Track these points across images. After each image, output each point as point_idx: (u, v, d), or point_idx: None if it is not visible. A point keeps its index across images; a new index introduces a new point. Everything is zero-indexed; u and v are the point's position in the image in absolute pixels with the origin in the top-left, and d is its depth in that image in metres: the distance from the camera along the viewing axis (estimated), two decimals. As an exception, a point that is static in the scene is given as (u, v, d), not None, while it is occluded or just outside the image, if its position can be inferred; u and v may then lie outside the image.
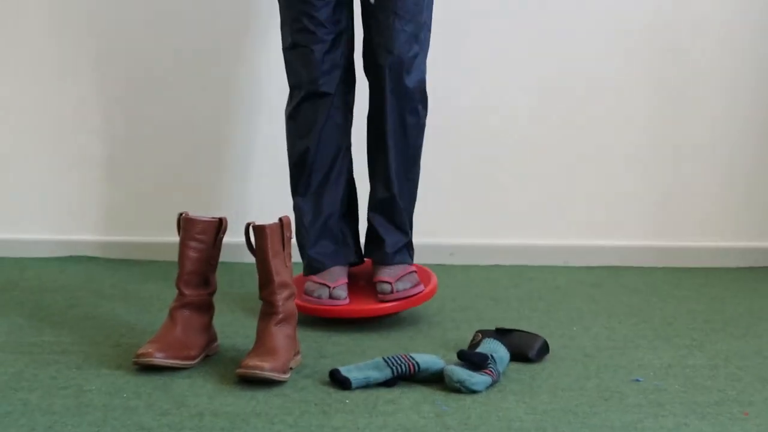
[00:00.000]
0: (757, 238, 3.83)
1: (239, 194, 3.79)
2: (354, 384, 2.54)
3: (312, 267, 3.15)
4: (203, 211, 3.43)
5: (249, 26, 3.72)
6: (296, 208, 3.19)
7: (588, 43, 3.75)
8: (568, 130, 3.81)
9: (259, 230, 2.68)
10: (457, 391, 2.52)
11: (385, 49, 2.98)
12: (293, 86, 3.12)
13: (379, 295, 3.06)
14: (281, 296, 2.70)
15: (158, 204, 3.75)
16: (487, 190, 3.81)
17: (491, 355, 2.62)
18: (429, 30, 3.10)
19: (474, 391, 2.53)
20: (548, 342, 2.83)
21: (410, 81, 3.04)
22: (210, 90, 3.77)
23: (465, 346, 2.76)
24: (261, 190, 3.76)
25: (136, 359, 2.63)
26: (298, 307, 2.92)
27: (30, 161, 3.79)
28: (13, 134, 3.78)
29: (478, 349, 2.66)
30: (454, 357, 2.67)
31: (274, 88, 3.47)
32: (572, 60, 3.70)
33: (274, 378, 2.55)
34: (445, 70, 3.31)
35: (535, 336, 2.83)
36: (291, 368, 2.64)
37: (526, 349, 2.77)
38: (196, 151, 3.78)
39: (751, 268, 3.78)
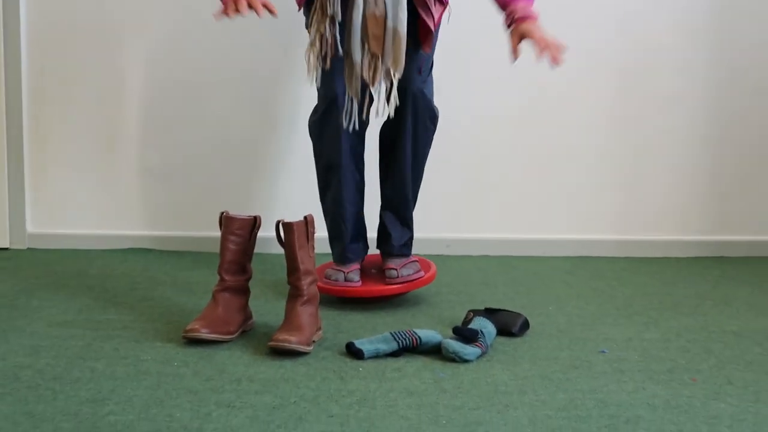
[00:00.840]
0: (701, 232, 3.82)
1: (270, 195, 3.79)
2: (366, 354, 2.54)
3: (344, 258, 3.14)
4: (240, 209, 3.43)
5: (284, 53, 3.72)
6: (329, 205, 3.15)
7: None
8: (544, 139, 3.80)
9: (287, 226, 2.68)
10: (452, 360, 2.53)
11: (406, 78, 2.92)
12: (320, 97, 3.04)
13: (387, 279, 3.07)
14: (306, 281, 2.70)
15: (203, 204, 3.76)
16: (477, 192, 3.80)
17: (481, 331, 2.63)
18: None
19: (466, 361, 2.53)
20: (528, 319, 2.84)
21: (425, 101, 3.02)
22: (246, 109, 3.76)
23: (459, 323, 2.75)
24: (288, 192, 3.76)
25: (184, 334, 2.64)
26: (320, 288, 2.92)
27: (99, 168, 3.79)
28: (87, 146, 3.79)
29: (470, 326, 2.66)
30: (450, 332, 2.66)
31: (302, 107, 3.47)
32: (546, 79, 3.67)
33: (300, 350, 2.56)
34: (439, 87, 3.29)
35: (517, 314, 2.83)
36: (314, 341, 2.65)
37: (510, 325, 2.77)
38: (235, 159, 3.78)
39: (696, 258, 3.77)
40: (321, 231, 2.92)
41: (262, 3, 2.70)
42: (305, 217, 2.73)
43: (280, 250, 2.74)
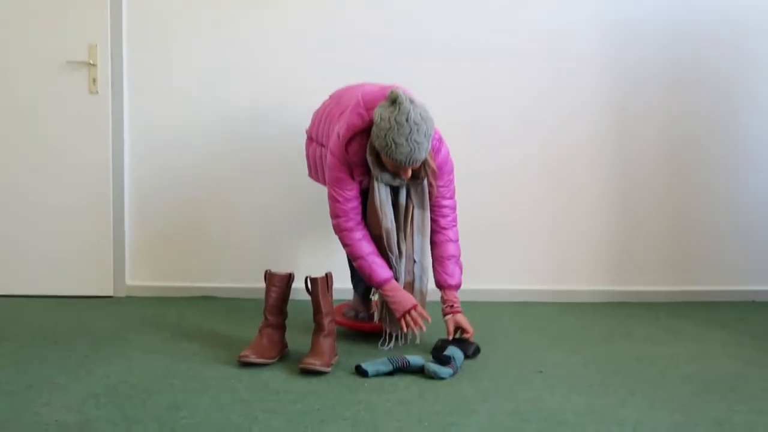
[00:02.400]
0: (609, 284, 3.79)
1: (301, 257, 3.77)
2: (370, 374, 2.53)
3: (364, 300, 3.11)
4: (279, 268, 3.42)
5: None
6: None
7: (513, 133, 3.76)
8: (489, 204, 3.77)
9: (314, 281, 2.69)
10: (432, 378, 2.52)
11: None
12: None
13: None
14: (326, 320, 2.70)
15: (251, 262, 3.74)
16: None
17: (453, 356, 2.62)
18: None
19: (442, 378, 2.52)
20: (480, 347, 2.82)
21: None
22: (285, 192, 3.75)
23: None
24: (314, 256, 3.74)
25: (238, 359, 2.63)
26: (337, 323, 2.90)
27: (181, 235, 3.79)
28: (174, 221, 3.79)
29: (444, 353, 2.64)
30: (430, 357, 2.66)
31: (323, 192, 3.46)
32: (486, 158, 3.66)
33: (322, 370, 2.55)
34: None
35: (471, 343, 2.81)
36: (332, 364, 2.63)
37: (466, 350, 2.75)
38: (276, 231, 3.77)
39: (606, 302, 3.74)
40: (337, 283, 2.91)
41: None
42: (326, 274, 2.74)
43: (308, 297, 2.73)
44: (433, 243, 2.89)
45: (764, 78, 3.71)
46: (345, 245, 2.80)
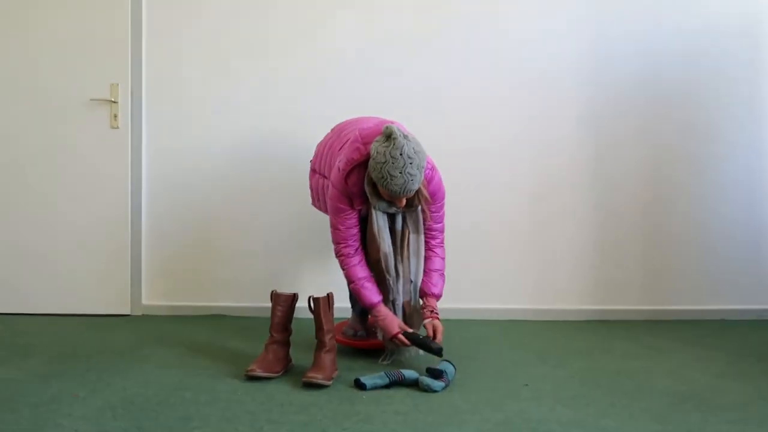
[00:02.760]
0: (590, 303, 3.79)
1: (303, 278, 3.77)
2: (368, 387, 2.52)
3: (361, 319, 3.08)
4: (284, 288, 3.42)
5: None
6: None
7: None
8: (474, 227, 3.79)
9: (316, 300, 2.68)
10: (426, 391, 2.50)
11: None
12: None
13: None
14: (328, 337, 2.69)
15: (261, 284, 3.73)
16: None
17: (445, 371, 2.60)
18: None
19: (435, 391, 2.50)
20: (471, 362, 2.80)
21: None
22: (290, 219, 3.76)
23: (431, 366, 2.71)
24: (316, 277, 3.73)
25: (246, 372, 2.61)
26: (338, 341, 2.89)
27: (193, 257, 3.78)
28: (188, 241, 3.79)
29: (437, 367, 2.63)
30: (424, 371, 2.64)
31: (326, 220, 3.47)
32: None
33: (323, 383, 2.53)
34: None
35: (437, 344, 2.72)
36: (333, 378, 2.61)
37: (431, 347, 2.69)
38: (282, 255, 3.77)
39: (587, 321, 3.73)
40: (337, 302, 2.90)
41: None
42: (328, 294, 2.74)
43: (311, 315, 2.72)
44: None
45: (728, 113, 3.74)
46: (342, 268, 2.81)
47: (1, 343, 3.14)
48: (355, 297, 2.93)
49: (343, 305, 3.19)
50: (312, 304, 2.69)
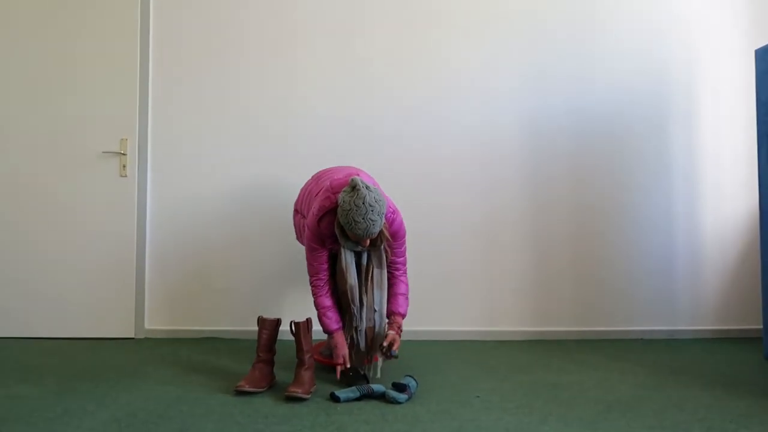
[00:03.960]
0: (531, 325, 3.80)
1: (287, 305, 3.73)
2: (342, 399, 2.49)
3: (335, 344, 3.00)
4: (269, 314, 3.38)
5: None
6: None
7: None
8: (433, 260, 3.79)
9: (297, 324, 2.66)
10: (392, 402, 2.49)
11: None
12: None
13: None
14: (307, 356, 2.66)
15: (249, 310, 3.69)
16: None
17: (408, 385, 2.58)
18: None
19: (400, 403, 2.49)
20: (430, 376, 2.78)
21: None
22: (275, 252, 3.73)
23: (396, 380, 2.70)
24: (297, 304, 3.70)
25: (235, 388, 2.57)
26: (315, 360, 2.86)
27: (189, 286, 3.73)
28: (184, 273, 3.74)
29: (401, 382, 2.61)
30: (390, 386, 2.63)
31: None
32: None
33: (303, 397, 2.50)
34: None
35: (394, 352, 2.71)
36: (311, 392, 2.58)
37: (389, 352, 2.68)
38: (267, 284, 3.73)
39: (529, 340, 3.74)
40: (315, 326, 2.87)
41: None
42: (307, 319, 2.72)
43: (292, 338, 2.70)
44: (389, 285, 2.89)
45: (648, 168, 3.83)
46: (313, 295, 2.81)
47: (18, 365, 3.05)
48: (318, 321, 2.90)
49: (320, 329, 3.16)
50: (293, 328, 2.67)
